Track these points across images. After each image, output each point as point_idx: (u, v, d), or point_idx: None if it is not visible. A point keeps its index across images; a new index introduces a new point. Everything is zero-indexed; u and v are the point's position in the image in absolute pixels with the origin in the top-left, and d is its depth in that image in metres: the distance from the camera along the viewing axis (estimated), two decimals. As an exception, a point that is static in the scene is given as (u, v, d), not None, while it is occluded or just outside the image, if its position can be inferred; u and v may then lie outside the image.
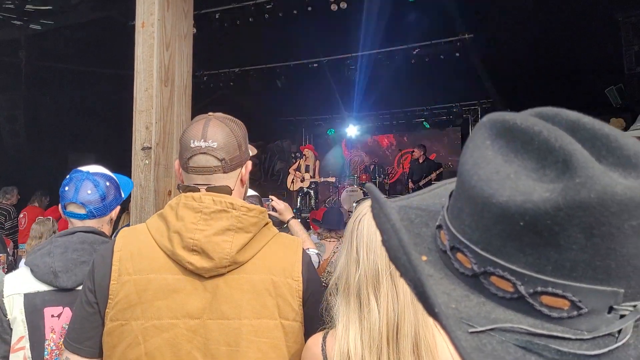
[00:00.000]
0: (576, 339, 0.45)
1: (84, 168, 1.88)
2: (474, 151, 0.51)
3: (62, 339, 1.65)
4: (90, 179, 1.82)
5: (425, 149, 11.08)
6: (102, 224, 1.86)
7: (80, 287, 1.66)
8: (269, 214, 2.71)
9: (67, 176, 1.85)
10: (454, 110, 12.38)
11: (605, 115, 7.69)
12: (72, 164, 2.06)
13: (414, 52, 9.24)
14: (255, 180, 14.06)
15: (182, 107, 2.90)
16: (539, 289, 0.46)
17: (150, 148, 2.67)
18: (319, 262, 2.66)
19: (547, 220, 0.43)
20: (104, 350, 1.28)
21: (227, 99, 11.38)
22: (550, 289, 0.45)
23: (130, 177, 2.71)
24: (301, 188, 10.27)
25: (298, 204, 10.10)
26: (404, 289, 1.18)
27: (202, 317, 1.25)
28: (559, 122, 0.49)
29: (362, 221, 1.24)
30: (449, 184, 0.67)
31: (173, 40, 2.83)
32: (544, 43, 7.95)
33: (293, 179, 10.54)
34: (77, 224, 1.81)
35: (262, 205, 2.63)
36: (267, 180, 14.61)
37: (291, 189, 10.66)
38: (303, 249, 1.40)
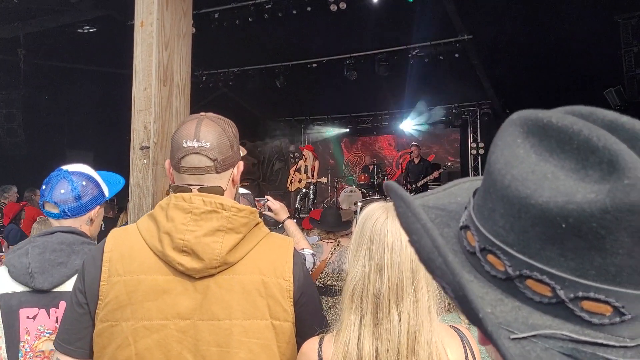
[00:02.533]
0: (620, 347, 0.43)
1: (65, 166, 1.83)
2: (504, 149, 0.48)
3: (37, 341, 1.62)
4: (66, 177, 1.78)
5: (419, 148, 11.09)
6: (80, 224, 1.80)
7: (56, 289, 1.64)
8: (264, 214, 2.71)
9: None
10: (453, 111, 12.40)
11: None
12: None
13: (413, 53, 9.25)
14: (254, 180, 14.06)
15: (181, 107, 2.89)
16: (580, 294, 0.44)
17: (149, 147, 2.66)
18: (314, 262, 2.65)
19: (592, 223, 0.41)
20: (94, 351, 1.28)
21: (226, 98, 11.39)
22: (592, 294, 0.43)
23: (128, 176, 2.70)
24: (299, 188, 10.27)
25: (297, 205, 10.10)
26: (423, 297, 1.16)
27: (192, 318, 1.25)
28: (595, 121, 0.46)
29: (384, 226, 1.19)
30: (464, 184, 0.66)
31: (172, 40, 2.82)
32: (542, 44, 7.95)
33: (291, 180, 10.55)
34: (55, 223, 1.77)
35: (254, 204, 2.62)
36: (265, 180, 14.61)
37: (290, 189, 10.66)
38: (295, 249, 1.39)
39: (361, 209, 1.33)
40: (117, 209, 8.23)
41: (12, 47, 8.98)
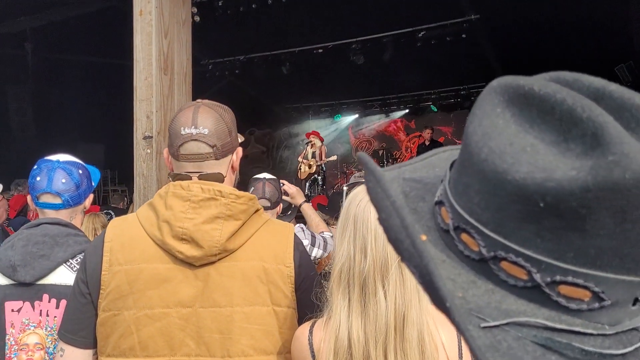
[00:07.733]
0: (598, 335, 0.41)
1: (53, 157, 1.83)
2: (483, 119, 0.45)
3: (22, 334, 1.63)
4: (62, 167, 1.78)
5: (432, 131, 11.04)
6: (76, 213, 1.82)
7: (39, 282, 1.64)
8: (282, 199, 2.70)
9: (35, 166, 1.80)
10: (462, 92, 12.29)
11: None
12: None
13: (420, 35, 9.13)
14: (262, 168, 14.07)
15: (183, 95, 2.89)
16: (557, 277, 0.41)
17: (152, 137, 2.66)
18: (333, 245, 2.65)
19: (572, 202, 0.38)
20: (97, 340, 1.29)
21: (233, 87, 11.36)
22: (570, 279, 0.40)
23: (132, 166, 2.71)
24: (309, 174, 10.26)
25: (306, 191, 10.10)
26: (410, 276, 1.13)
27: (194, 306, 1.25)
28: (580, 88, 0.43)
29: (368, 206, 1.19)
30: (443, 153, 0.63)
31: (172, 28, 2.81)
32: (551, 21, 7.81)
33: (301, 167, 10.54)
34: (51, 214, 1.76)
35: (279, 188, 2.63)
36: (274, 167, 14.63)
37: (300, 177, 10.65)
38: (295, 234, 1.39)
39: (347, 193, 1.31)
40: (128, 200, 8.29)
41: (19, 42, 9.02)
